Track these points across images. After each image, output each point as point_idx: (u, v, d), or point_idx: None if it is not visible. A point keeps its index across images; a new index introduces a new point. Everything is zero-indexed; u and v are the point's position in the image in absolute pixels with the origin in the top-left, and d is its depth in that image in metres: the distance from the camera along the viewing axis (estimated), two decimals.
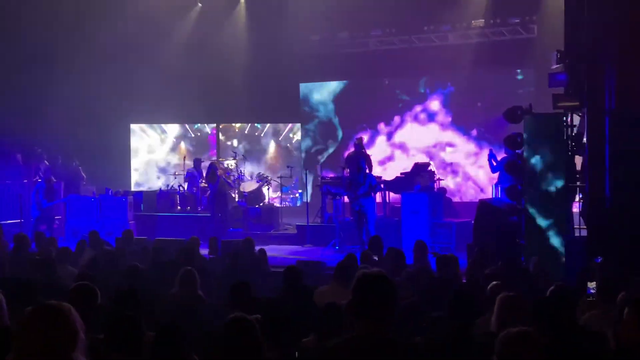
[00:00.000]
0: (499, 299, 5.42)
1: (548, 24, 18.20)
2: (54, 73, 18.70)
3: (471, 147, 20.70)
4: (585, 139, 11.25)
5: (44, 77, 18.60)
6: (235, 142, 22.90)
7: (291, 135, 23.00)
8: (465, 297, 5.39)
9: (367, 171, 15.87)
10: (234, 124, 23.16)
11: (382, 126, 21.87)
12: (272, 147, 22.99)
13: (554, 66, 12.01)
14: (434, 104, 21.26)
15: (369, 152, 18.23)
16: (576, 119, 11.66)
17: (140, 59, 20.60)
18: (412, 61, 20.56)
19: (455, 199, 19.70)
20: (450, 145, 20.98)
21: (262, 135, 23.05)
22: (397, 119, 21.70)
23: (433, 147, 21.12)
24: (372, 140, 21.81)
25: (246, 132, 23.06)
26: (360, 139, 18.36)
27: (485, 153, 17.39)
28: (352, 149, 18.30)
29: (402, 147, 21.60)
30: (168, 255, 10.93)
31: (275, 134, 23.08)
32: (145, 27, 20.42)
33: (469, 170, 20.81)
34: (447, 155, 20.98)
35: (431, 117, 21.30)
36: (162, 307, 7.81)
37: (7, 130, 18.01)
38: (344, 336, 3.88)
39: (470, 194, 20.41)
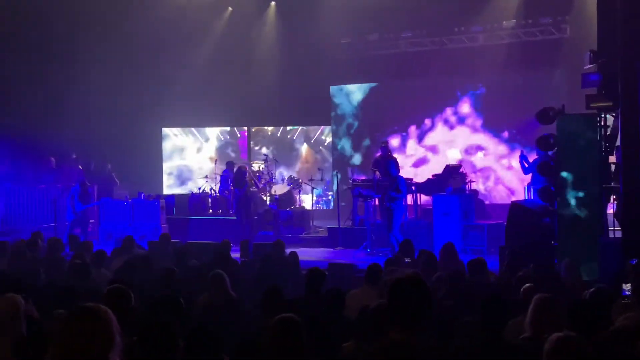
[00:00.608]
0: (535, 301, 5.38)
1: (580, 23, 18.07)
2: (87, 79, 18.87)
3: (503, 149, 20.57)
4: (619, 140, 11.13)
5: (78, 83, 18.78)
6: (266, 146, 22.95)
7: (323, 137, 23.01)
8: (497, 301, 5.34)
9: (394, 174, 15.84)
10: (265, 127, 23.20)
11: (412, 129, 21.80)
12: (303, 150, 23.02)
13: (587, 66, 11.88)
14: (465, 106, 21.16)
15: (397, 154, 18.24)
16: (610, 120, 11.54)
17: (171, 62, 20.73)
18: (442, 63, 20.47)
19: (487, 201, 19.59)
20: (481, 148, 20.85)
21: (294, 138, 23.08)
22: (427, 121, 21.63)
23: (465, 150, 21.01)
24: (403, 143, 21.76)
25: (278, 134, 23.10)
26: (386, 141, 18.36)
27: (516, 155, 17.28)
28: (379, 153, 18.31)
29: (433, 149, 21.52)
30: (199, 259, 11.00)
31: (307, 136, 23.10)
32: (176, 30, 20.57)
33: (501, 173, 20.67)
34: (478, 159, 20.85)
35: (462, 119, 21.20)
36: (195, 310, 7.86)
37: (41, 135, 18.22)
38: (378, 343, 3.84)
39: (502, 197, 20.28)
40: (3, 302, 5.23)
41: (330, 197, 22.17)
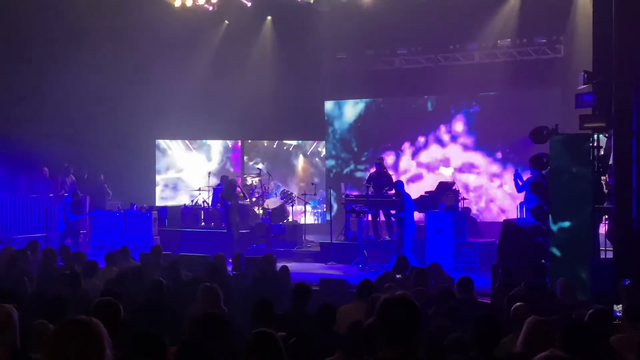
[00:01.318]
0: (528, 323, 5.38)
1: (575, 44, 18.18)
2: (82, 89, 18.85)
3: (496, 167, 20.62)
4: (611, 161, 11.17)
5: (72, 94, 18.75)
6: (260, 159, 22.95)
7: (319, 149, 23.03)
8: (491, 319, 5.33)
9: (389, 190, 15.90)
10: (259, 141, 23.22)
11: (406, 145, 21.85)
12: (298, 164, 23.02)
13: (581, 86, 11.95)
14: (459, 124, 21.22)
15: (391, 171, 18.31)
16: (603, 140, 11.58)
17: (166, 74, 20.72)
18: (437, 80, 20.55)
19: (480, 219, 19.62)
20: (475, 166, 20.89)
21: (288, 151, 23.08)
22: (421, 138, 21.68)
23: (458, 168, 21.05)
24: (396, 160, 21.80)
25: (273, 147, 23.11)
26: (382, 158, 18.43)
27: (509, 174, 17.33)
28: (374, 168, 18.38)
29: (426, 167, 21.55)
30: (191, 271, 10.97)
31: (301, 151, 23.11)
32: (172, 42, 20.59)
33: (494, 192, 20.71)
34: (471, 177, 20.89)
35: (455, 137, 21.25)
36: (186, 323, 7.83)
37: (33, 145, 18.19)
38: (371, 358, 3.86)
39: (494, 215, 20.31)
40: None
41: (322, 210, 22.19)
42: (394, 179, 17.52)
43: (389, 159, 21.40)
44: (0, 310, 5.16)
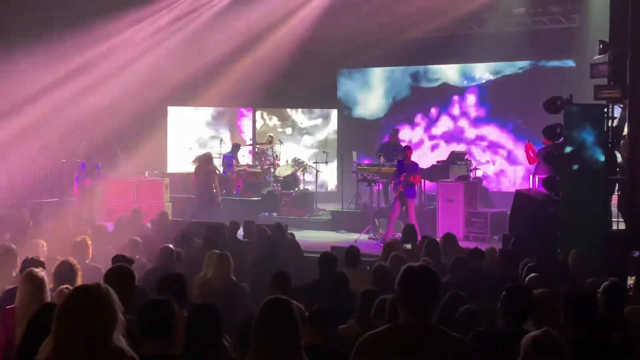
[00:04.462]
0: (536, 297, 5.37)
1: (591, 13, 17.95)
2: (93, 53, 18.82)
3: (508, 138, 20.52)
4: (626, 131, 11.10)
5: (83, 56, 18.72)
6: (271, 126, 22.89)
7: (329, 121, 22.95)
8: (522, 291, 5.26)
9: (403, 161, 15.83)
10: (271, 108, 23.15)
11: (419, 117, 21.77)
12: (310, 132, 22.94)
13: (597, 56, 11.84)
14: (472, 94, 21.09)
15: (405, 142, 18.29)
16: (617, 111, 11.50)
17: (178, 42, 20.65)
18: (450, 49, 20.39)
19: (491, 189, 19.58)
20: (487, 137, 20.80)
21: (299, 119, 23.02)
22: (434, 110, 21.59)
23: (470, 139, 20.96)
24: (409, 130, 21.73)
25: (283, 116, 23.04)
26: (396, 130, 18.41)
27: (522, 145, 17.25)
28: (386, 138, 18.35)
29: (439, 138, 21.47)
30: (202, 238, 11.01)
31: (313, 119, 23.03)
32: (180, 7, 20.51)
33: (507, 162, 20.63)
34: (483, 148, 20.81)
35: (468, 107, 21.14)
36: (196, 290, 7.89)
37: (47, 110, 18.20)
38: (389, 324, 3.93)
39: (506, 185, 20.25)
40: (30, 276, 5.63)
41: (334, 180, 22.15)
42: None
43: (404, 131, 21.28)
44: (34, 275, 5.55)
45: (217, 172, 18.17)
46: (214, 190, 16.76)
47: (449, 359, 3.73)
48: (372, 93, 22.69)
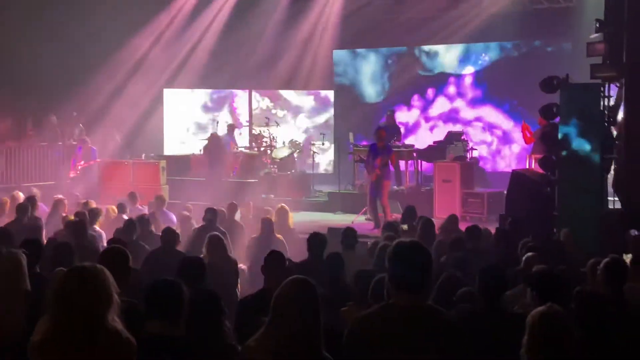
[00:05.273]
0: (537, 274, 5.39)
1: None
2: (91, 37, 18.76)
3: (505, 117, 20.49)
4: (622, 110, 11.08)
5: (81, 41, 18.67)
6: (269, 108, 22.82)
7: (325, 102, 22.88)
8: (495, 271, 5.31)
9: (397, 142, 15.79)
10: (267, 90, 23.07)
11: (415, 98, 21.72)
12: (306, 113, 22.88)
13: (593, 35, 11.81)
14: (468, 75, 21.05)
15: (400, 123, 18.26)
16: (614, 90, 11.48)
17: (176, 24, 20.60)
18: (447, 30, 20.31)
19: (488, 169, 19.59)
20: (483, 117, 20.76)
21: (295, 101, 22.95)
22: (430, 91, 21.54)
23: (467, 119, 20.92)
24: (406, 112, 21.68)
25: (279, 98, 22.97)
26: (392, 111, 18.37)
27: (519, 124, 17.24)
28: (383, 119, 18.31)
29: (436, 118, 21.44)
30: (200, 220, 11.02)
31: (310, 100, 22.96)
32: None
33: (503, 142, 20.62)
34: (480, 128, 20.78)
35: (465, 88, 21.10)
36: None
37: (43, 93, 18.17)
38: (381, 304, 3.89)
39: (502, 166, 20.25)
40: (5, 258, 5.33)
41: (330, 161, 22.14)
42: (402, 131, 17.54)
43: (401, 112, 21.24)
44: (11, 256, 5.25)
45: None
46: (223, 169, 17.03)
47: (442, 337, 3.68)
48: (369, 74, 22.62)
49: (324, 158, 21.44)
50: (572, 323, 3.90)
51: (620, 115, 11.21)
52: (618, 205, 11.47)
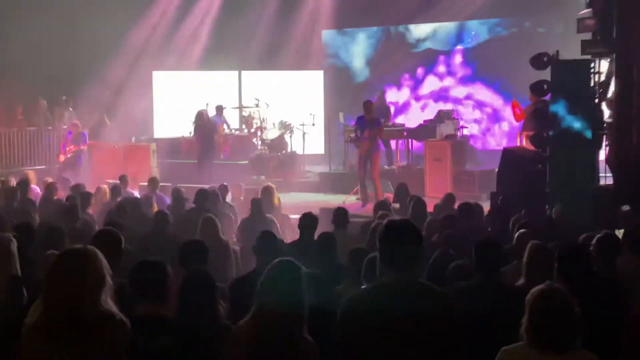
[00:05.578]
0: (528, 249, 5.39)
1: None
2: (81, 20, 18.64)
3: (495, 95, 20.47)
4: (612, 86, 11.08)
5: (70, 23, 18.54)
6: (258, 89, 22.71)
7: (315, 82, 22.80)
8: (492, 246, 5.31)
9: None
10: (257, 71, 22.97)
11: (406, 77, 21.66)
12: (295, 94, 22.78)
13: (583, 11, 11.79)
14: (458, 53, 21.00)
15: (390, 103, 18.22)
16: (604, 66, 11.47)
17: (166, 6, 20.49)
18: (437, 8, 20.21)
19: (479, 147, 19.59)
20: (474, 95, 20.73)
21: (285, 82, 22.85)
22: (420, 70, 21.48)
23: (457, 98, 20.89)
24: (396, 91, 21.64)
25: (269, 79, 22.87)
26: (382, 90, 18.33)
27: (509, 102, 17.22)
28: (374, 100, 18.22)
29: (426, 97, 21.40)
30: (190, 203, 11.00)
31: (299, 81, 22.87)
32: None
33: (493, 119, 20.62)
34: (470, 106, 20.76)
35: (455, 66, 21.05)
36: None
37: (33, 77, 18.07)
38: (373, 283, 3.90)
39: (493, 144, 20.25)
40: None
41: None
42: (391, 112, 17.51)
43: (391, 92, 21.19)
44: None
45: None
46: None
47: (434, 315, 3.68)
48: (358, 54, 22.53)
49: (315, 139, 21.37)
50: (573, 300, 3.88)
51: (611, 91, 11.20)
52: (610, 182, 11.48)
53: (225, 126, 19.60)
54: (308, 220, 7.98)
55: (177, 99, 22.25)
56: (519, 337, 3.89)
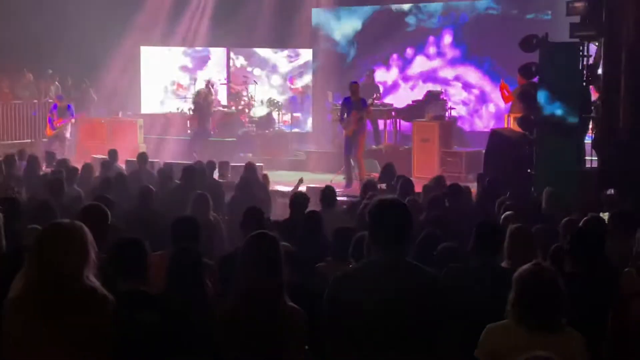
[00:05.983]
0: (509, 231, 5.41)
1: None
2: None
3: (483, 77, 20.44)
4: (600, 69, 11.10)
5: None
6: (247, 66, 22.64)
7: (303, 61, 22.73)
8: (493, 229, 5.30)
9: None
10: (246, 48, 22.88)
11: (395, 57, 21.59)
12: (284, 72, 22.72)
13: None
14: (448, 34, 20.93)
15: (379, 83, 18.20)
16: (592, 49, 11.48)
17: None
18: None
19: (467, 128, 19.60)
20: (462, 77, 20.70)
21: (274, 59, 22.77)
22: (410, 50, 21.41)
23: (445, 79, 20.84)
24: (385, 71, 21.57)
25: (258, 56, 22.78)
26: (372, 70, 18.28)
27: (497, 84, 17.21)
28: (362, 79, 18.20)
29: (416, 78, 21.34)
30: (178, 179, 10.97)
31: (288, 58, 22.79)
32: None
33: (481, 101, 20.61)
34: (459, 87, 20.73)
35: (444, 48, 20.99)
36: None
37: (18, 50, 17.91)
38: (362, 261, 3.90)
39: (481, 126, 20.25)
40: None
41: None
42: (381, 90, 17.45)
43: (380, 72, 21.12)
44: None
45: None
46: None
47: (423, 294, 3.68)
48: (347, 33, 22.42)
49: (303, 117, 21.35)
50: (561, 280, 3.90)
51: (599, 74, 11.22)
52: (596, 164, 11.53)
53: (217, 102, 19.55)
54: (299, 199, 8.00)
55: (165, 74, 22.15)
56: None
